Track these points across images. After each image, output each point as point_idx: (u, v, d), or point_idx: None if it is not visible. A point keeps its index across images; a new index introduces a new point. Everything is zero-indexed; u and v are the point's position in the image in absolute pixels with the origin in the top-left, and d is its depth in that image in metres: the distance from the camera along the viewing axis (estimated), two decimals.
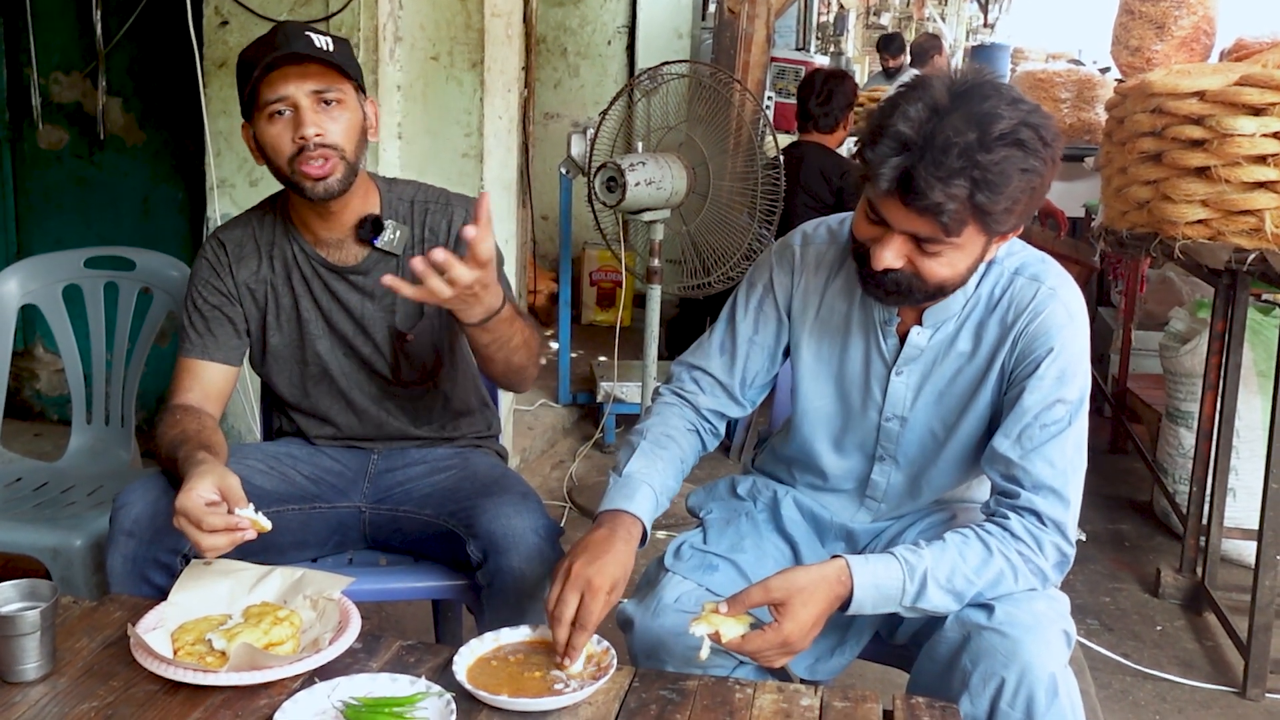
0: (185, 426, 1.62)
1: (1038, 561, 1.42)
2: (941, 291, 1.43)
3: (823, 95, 4.02)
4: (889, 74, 7.54)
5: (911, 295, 1.42)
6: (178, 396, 1.73)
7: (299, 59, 1.61)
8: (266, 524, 1.42)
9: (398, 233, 1.77)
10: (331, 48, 1.65)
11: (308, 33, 1.64)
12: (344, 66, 1.65)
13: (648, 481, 1.51)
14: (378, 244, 1.76)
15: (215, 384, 1.77)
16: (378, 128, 1.77)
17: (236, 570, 1.47)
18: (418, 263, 1.41)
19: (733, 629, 1.33)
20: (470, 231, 1.40)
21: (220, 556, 1.49)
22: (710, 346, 1.66)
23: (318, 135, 1.63)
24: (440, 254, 1.40)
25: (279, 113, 1.64)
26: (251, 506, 1.43)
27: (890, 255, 1.37)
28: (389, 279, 1.45)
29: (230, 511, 1.41)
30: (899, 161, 1.29)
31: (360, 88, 1.71)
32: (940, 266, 1.38)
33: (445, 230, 1.80)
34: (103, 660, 1.33)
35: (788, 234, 1.66)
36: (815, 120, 4.05)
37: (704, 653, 1.34)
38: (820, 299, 1.59)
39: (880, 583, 1.38)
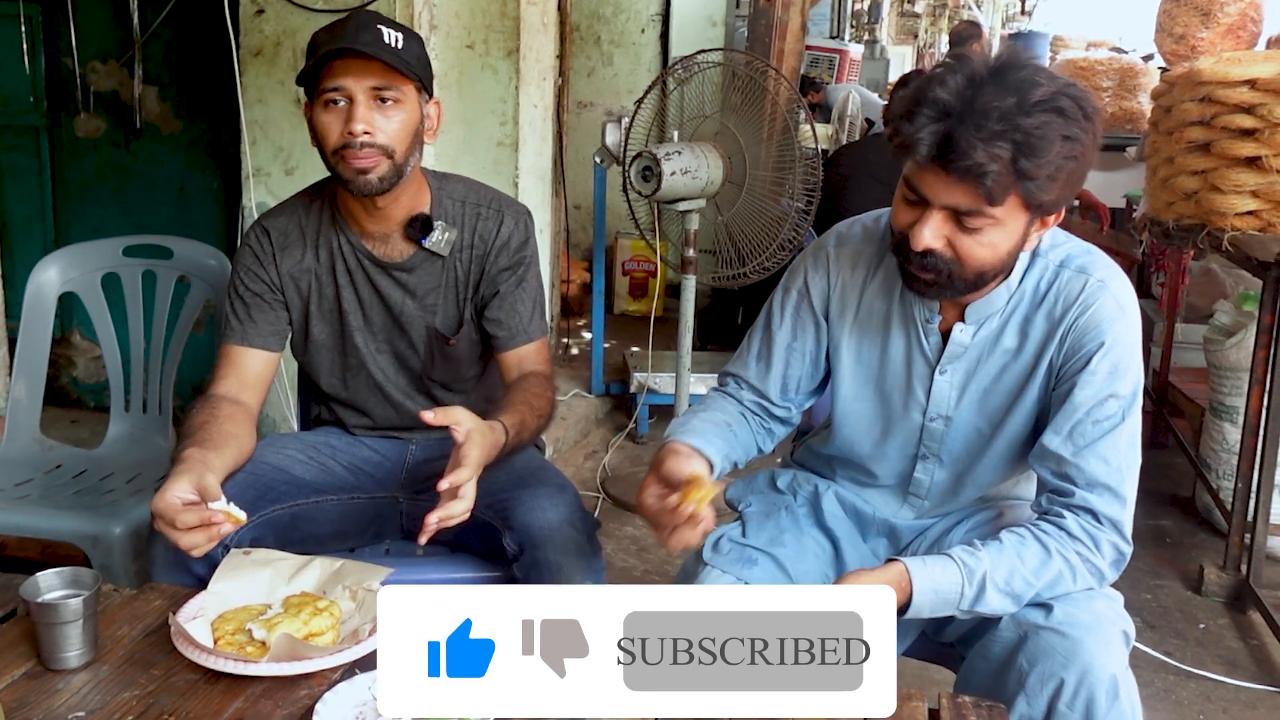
0: (196, 420, 1.62)
1: (1095, 561, 1.39)
2: (982, 279, 1.39)
3: None
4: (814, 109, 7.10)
5: (952, 285, 1.38)
6: (214, 385, 1.73)
7: (363, 54, 1.59)
8: (241, 515, 1.42)
9: (447, 234, 1.76)
10: (401, 44, 1.62)
11: (380, 25, 1.61)
12: (406, 67, 1.62)
13: (684, 424, 1.54)
14: (426, 244, 1.75)
15: (255, 371, 1.76)
16: (437, 130, 1.75)
17: (276, 560, 1.46)
18: (430, 519, 1.42)
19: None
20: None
21: (260, 546, 1.50)
22: (747, 355, 1.64)
23: (366, 133, 1.61)
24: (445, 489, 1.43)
25: (334, 101, 1.62)
26: (223, 499, 1.41)
27: (929, 233, 1.33)
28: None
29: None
30: (939, 128, 1.27)
31: (424, 88, 1.68)
32: (980, 247, 1.34)
33: (494, 236, 1.79)
34: (144, 649, 1.33)
35: (822, 235, 1.63)
36: None
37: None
38: (859, 298, 1.56)
39: (939, 586, 1.36)
